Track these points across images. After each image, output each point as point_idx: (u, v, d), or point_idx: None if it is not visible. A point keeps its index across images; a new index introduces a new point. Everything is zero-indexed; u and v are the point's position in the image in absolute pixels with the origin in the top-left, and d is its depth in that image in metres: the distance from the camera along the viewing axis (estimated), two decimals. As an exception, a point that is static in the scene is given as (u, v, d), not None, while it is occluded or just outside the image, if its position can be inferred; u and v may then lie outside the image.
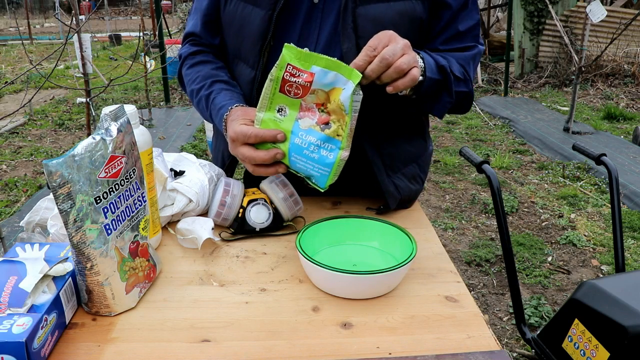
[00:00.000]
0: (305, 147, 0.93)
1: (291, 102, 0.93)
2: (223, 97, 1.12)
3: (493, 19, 10.60)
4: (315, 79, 0.89)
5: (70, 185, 0.74)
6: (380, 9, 1.04)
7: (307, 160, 0.94)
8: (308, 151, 0.93)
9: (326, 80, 0.89)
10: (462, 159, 4.62)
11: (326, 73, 0.89)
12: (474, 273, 2.93)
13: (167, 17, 9.86)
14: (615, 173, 1.72)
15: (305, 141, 0.93)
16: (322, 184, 0.95)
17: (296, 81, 0.90)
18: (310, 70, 0.89)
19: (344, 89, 0.89)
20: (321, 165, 0.93)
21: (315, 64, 0.89)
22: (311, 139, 0.93)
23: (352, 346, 0.78)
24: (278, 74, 0.91)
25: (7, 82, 5.90)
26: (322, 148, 0.93)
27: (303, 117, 0.93)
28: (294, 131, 0.94)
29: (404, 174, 1.21)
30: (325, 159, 0.93)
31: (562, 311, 1.45)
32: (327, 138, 0.92)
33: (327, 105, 0.91)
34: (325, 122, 0.92)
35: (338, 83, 0.89)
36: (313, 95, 0.91)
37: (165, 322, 0.83)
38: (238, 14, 1.12)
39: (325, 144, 0.93)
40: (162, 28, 6.30)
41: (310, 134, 0.93)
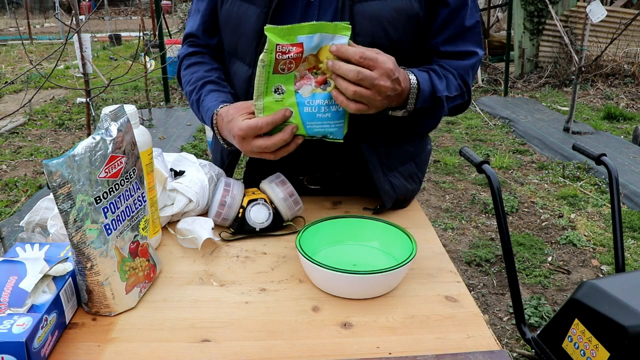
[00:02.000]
0: (316, 111, 0.98)
1: (285, 78, 0.95)
2: (210, 99, 1.13)
3: (493, 19, 10.60)
4: (305, 47, 0.92)
5: (70, 185, 0.74)
6: (378, 5, 1.04)
7: (323, 121, 0.99)
8: (320, 114, 0.98)
9: (313, 44, 0.92)
10: (462, 159, 4.62)
11: (312, 38, 0.92)
12: (474, 273, 2.93)
13: (167, 17, 9.86)
14: (615, 173, 1.72)
15: (315, 106, 0.97)
16: (340, 135, 1.01)
17: (288, 57, 0.92)
18: (297, 41, 0.92)
19: (332, 44, 0.93)
20: (336, 120, 0.99)
21: (299, 34, 0.91)
22: (319, 101, 0.97)
23: (352, 346, 0.78)
24: (270, 57, 0.92)
25: (7, 82, 5.90)
26: (332, 105, 0.98)
27: (301, 87, 0.96)
28: (299, 102, 0.97)
29: (400, 173, 1.20)
30: (337, 113, 0.98)
31: (562, 311, 1.45)
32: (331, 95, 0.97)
33: (318, 66, 0.95)
34: (323, 81, 0.96)
35: (324, 42, 0.93)
36: (305, 63, 0.94)
37: (165, 322, 0.83)
38: (234, 12, 1.13)
39: (332, 100, 0.97)
40: (162, 28, 6.30)
41: (316, 98, 0.97)
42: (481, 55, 1.16)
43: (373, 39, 1.06)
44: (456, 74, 1.13)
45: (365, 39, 1.05)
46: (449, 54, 1.13)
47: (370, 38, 1.05)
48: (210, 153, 2.56)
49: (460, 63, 1.13)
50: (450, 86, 1.11)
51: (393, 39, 1.07)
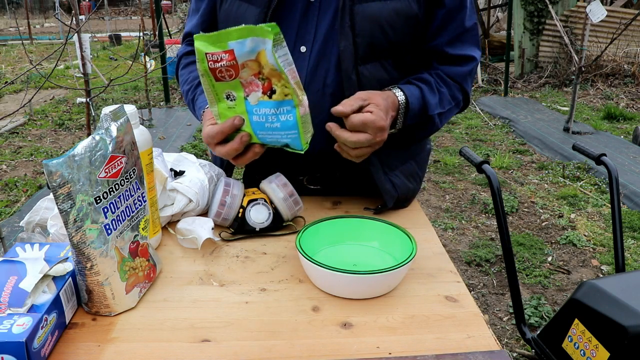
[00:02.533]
0: (264, 120, 0.92)
1: (232, 85, 0.91)
2: (202, 99, 1.15)
3: (493, 19, 10.60)
4: (237, 53, 0.86)
5: (70, 185, 0.74)
6: (377, 7, 1.04)
7: (273, 131, 0.92)
8: (269, 123, 0.92)
9: (247, 49, 0.86)
10: (462, 159, 4.62)
11: (243, 43, 0.86)
12: (474, 273, 2.93)
13: (167, 17, 9.86)
14: (615, 173, 1.72)
15: (262, 115, 0.91)
16: (298, 146, 0.94)
17: (222, 65, 0.87)
18: (228, 48, 0.86)
19: (265, 49, 0.86)
20: (287, 130, 0.92)
21: (229, 40, 0.86)
22: (265, 110, 0.91)
23: (352, 346, 0.78)
24: (204, 66, 0.89)
25: (7, 82, 5.90)
26: (280, 114, 0.91)
27: (250, 93, 0.91)
28: (249, 110, 0.92)
29: (401, 172, 1.20)
30: (287, 122, 0.91)
31: (562, 311, 1.45)
32: (278, 103, 0.90)
33: (262, 71, 0.88)
34: (269, 88, 0.89)
35: (259, 46, 0.86)
36: (246, 69, 0.88)
37: (165, 322, 0.83)
38: (233, 12, 1.13)
39: (280, 109, 0.90)
40: (162, 28, 6.30)
41: (262, 107, 0.91)
42: (479, 59, 1.18)
43: (372, 40, 1.06)
44: (453, 84, 1.15)
45: (365, 39, 1.05)
46: (449, 57, 1.14)
47: (369, 39, 1.06)
48: (210, 153, 2.56)
49: (458, 70, 1.15)
50: (443, 101, 1.13)
51: (392, 40, 1.07)
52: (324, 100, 1.11)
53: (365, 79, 1.08)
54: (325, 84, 1.10)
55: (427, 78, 1.12)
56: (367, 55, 1.07)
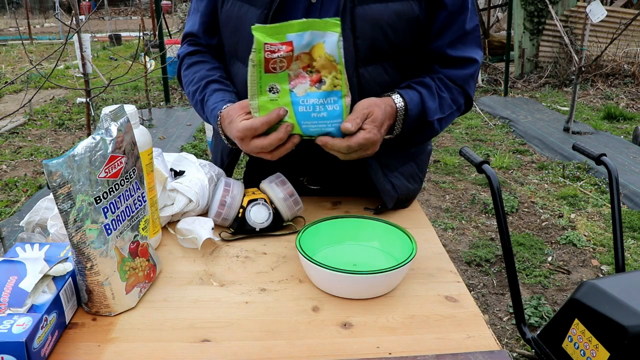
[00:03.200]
0: (311, 110, 0.95)
1: (279, 77, 0.94)
2: (215, 99, 1.13)
3: (493, 19, 10.60)
4: (295, 45, 0.91)
5: (70, 185, 0.74)
6: (378, 9, 1.04)
7: (319, 121, 0.96)
8: (315, 113, 0.96)
9: (304, 42, 0.91)
10: (462, 159, 4.62)
11: (302, 36, 0.90)
12: (474, 273, 2.93)
13: (167, 17, 9.86)
14: (615, 173, 1.72)
15: (309, 105, 0.95)
16: (339, 135, 0.98)
17: (278, 56, 0.91)
18: (286, 40, 0.91)
19: (325, 42, 0.91)
20: (333, 119, 0.96)
21: (288, 32, 0.90)
22: (313, 100, 0.95)
23: (352, 346, 0.78)
24: (259, 56, 0.92)
25: (7, 82, 5.90)
26: (327, 104, 0.95)
27: (296, 85, 0.95)
28: (294, 101, 0.95)
29: (401, 173, 1.20)
30: (333, 112, 0.96)
31: (562, 311, 1.45)
32: (326, 94, 0.94)
33: (312, 64, 0.93)
34: (318, 79, 0.94)
35: (316, 39, 0.91)
36: (298, 61, 0.93)
37: (165, 322, 0.83)
38: (234, 13, 1.12)
39: (328, 99, 0.95)
40: (162, 28, 6.30)
41: (310, 97, 0.95)
42: (481, 61, 1.18)
43: (373, 42, 1.06)
44: (455, 87, 1.14)
45: (366, 41, 1.05)
46: (451, 59, 1.13)
47: (370, 41, 1.05)
48: (210, 153, 2.56)
49: (460, 73, 1.14)
50: (443, 106, 1.13)
51: (393, 42, 1.07)
52: None
53: (366, 81, 1.08)
54: None
55: (428, 82, 1.12)
56: (368, 57, 1.07)
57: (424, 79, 1.13)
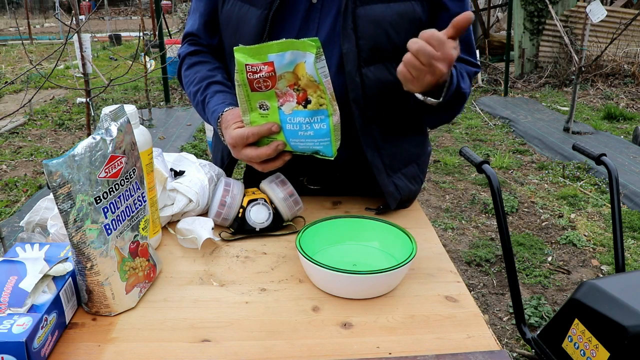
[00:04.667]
0: (298, 129, 0.96)
1: (266, 95, 0.95)
2: (216, 100, 1.13)
3: (493, 19, 10.60)
4: (276, 65, 0.91)
5: (70, 185, 0.74)
6: (380, 9, 1.04)
7: (306, 139, 0.97)
8: (302, 131, 0.96)
9: (286, 62, 0.91)
10: (462, 159, 4.62)
11: (283, 56, 0.90)
12: (474, 273, 2.93)
13: (167, 17, 9.86)
14: (615, 173, 1.72)
15: (296, 123, 0.96)
16: (329, 153, 0.99)
17: (261, 76, 0.92)
18: (267, 60, 0.91)
19: (305, 62, 0.91)
20: (320, 138, 0.97)
21: (269, 52, 0.91)
22: (299, 119, 0.95)
23: (352, 346, 0.78)
24: (242, 77, 0.93)
25: (7, 82, 5.90)
26: (314, 122, 0.96)
27: (284, 104, 0.95)
28: (282, 119, 0.97)
29: (404, 174, 1.21)
30: (320, 130, 0.96)
31: (562, 311, 1.45)
32: (312, 112, 0.95)
33: (298, 83, 0.93)
34: (304, 98, 0.94)
35: (298, 59, 0.91)
36: (283, 80, 0.93)
37: (165, 322, 0.83)
38: (235, 13, 1.12)
39: (314, 118, 0.95)
40: (162, 28, 6.30)
41: (296, 116, 0.95)
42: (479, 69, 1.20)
43: (375, 43, 1.06)
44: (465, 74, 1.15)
45: (368, 42, 1.05)
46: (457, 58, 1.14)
47: (372, 42, 1.05)
48: (210, 153, 2.56)
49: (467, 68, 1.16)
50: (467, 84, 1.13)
51: (395, 42, 1.07)
52: None
53: (369, 81, 1.08)
54: None
55: None
56: (370, 57, 1.07)
57: None
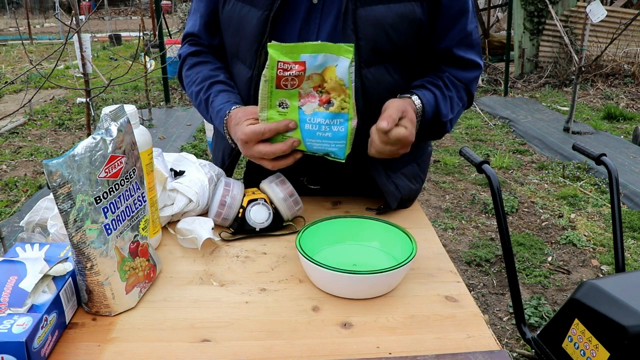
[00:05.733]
0: (316, 129, 0.98)
1: (289, 94, 0.96)
2: (221, 99, 1.13)
3: (493, 19, 10.60)
4: (307, 65, 0.93)
5: (70, 185, 0.74)
6: (381, 10, 1.04)
7: (323, 140, 0.99)
8: (320, 132, 0.98)
9: (317, 63, 0.93)
10: (462, 159, 4.62)
11: (315, 57, 0.93)
12: (474, 273, 2.93)
13: (167, 17, 9.86)
14: (615, 173, 1.72)
15: (315, 124, 0.98)
16: (341, 155, 1.01)
17: (290, 74, 0.94)
18: (300, 59, 0.93)
19: (337, 65, 0.93)
20: (337, 140, 0.99)
21: (303, 52, 0.93)
22: (319, 120, 0.97)
23: (352, 346, 0.78)
24: (271, 73, 0.94)
25: (7, 82, 5.90)
26: (333, 125, 0.98)
27: (305, 104, 0.97)
28: (301, 119, 0.98)
29: (403, 174, 1.21)
30: (338, 133, 0.98)
31: (562, 311, 1.45)
32: (333, 115, 0.97)
33: (323, 85, 0.95)
34: (327, 100, 0.96)
35: (329, 62, 0.93)
36: (309, 81, 0.95)
37: (165, 322, 0.83)
38: (236, 14, 1.12)
39: (334, 120, 0.97)
40: (162, 28, 6.30)
41: (317, 116, 0.97)
42: (482, 69, 1.21)
43: (376, 44, 1.06)
44: (461, 85, 1.17)
45: (368, 43, 1.05)
46: (457, 59, 1.14)
47: (372, 43, 1.05)
48: (210, 153, 2.55)
49: (466, 74, 1.17)
50: (453, 106, 1.15)
51: (396, 43, 1.07)
52: None
53: (369, 82, 1.08)
54: None
55: (438, 83, 1.14)
56: (370, 58, 1.07)
57: (434, 79, 1.14)
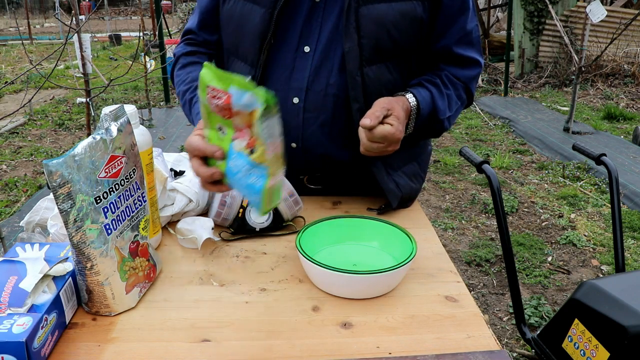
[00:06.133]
0: (237, 171, 0.87)
1: (226, 122, 0.87)
2: None
3: (493, 19, 10.60)
4: (233, 100, 0.82)
5: (70, 185, 0.74)
6: (382, 9, 1.04)
7: (240, 185, 0.87)
8: (240, 175, 0.86)
9: (243, 102, 0.81)
10: (462, 159, 4.62)
11: (242, 94, 0.82)
12: (474, 273, 2.93)
13: (167, 17, 9.86)
14: (615, 173, 1.72)
15: (237, 165, 0.87)
16: (257, 209, 0.87)
17: (218, 103, 0.84)
18: (228, 91, 0.83)
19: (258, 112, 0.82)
20: (251, 192, 0.86)
21: (232, 84, 0.83)
22: (241, 163, 0.86)
23: (352, 346, 0.78)
24: (202, 96, 0.86)
25: (7, 82, 5.90)
26: (251, 174, 0.85)
27: (237, 138, 0.87)
28: (229, 153, 0.89)
29: (404, 172, 1.21)
30: (254, 185, 0.85)
31: (562, 311, 1.45)
32: (253, 164, 0.85)
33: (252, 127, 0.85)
34: (252, 145, 0.84)
35: (254, 105, 0.81)
36: (239, 117, 0.84)
37: (165, 322, 0.83)
38: (237, 11, 1.13)
39: (253, 170, 0.85)
40: (162, 28, 6.30)
41: (240, 158, 0.86)
42: (482, 67, 1.21)
43: (377, 42, 1.06)
44: (460, 84, 1.17)
45: (370, 41, 1.05)
46: (457, 57, 1.15)
47: (374, 40, 1.06)
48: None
49: (465, 73, 1.17)
50: (451, 104, 1.15)
51: (397, 41, 1.07)
52: (326, 100, 1.12)
53: (370, 80, 1.08)
54: (328, 84, 1.11)
55: (436, 81, 1.14)
56: (372, 56, 1.07)
57: (432, 77, 1.14)
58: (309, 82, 1.11)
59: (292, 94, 1.12)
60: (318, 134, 1.15)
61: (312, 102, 1.12)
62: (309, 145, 1.16)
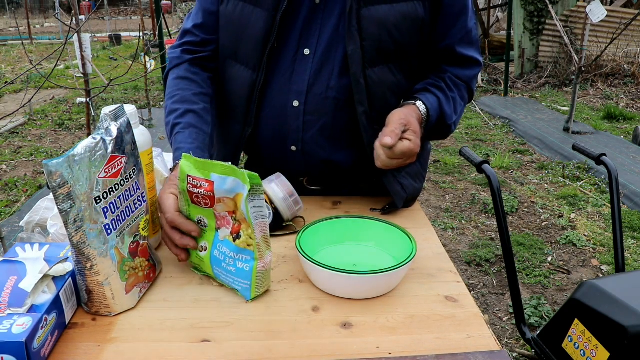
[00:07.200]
0: (222, 259, 0.88)
1: (206, 212, 0.87)
2: (183, 137, 1.07)
3: (493, 19, 10.60)
4: (216, 187, 0.83)
5: (70, 186, 0.74)
6: (384, 10, 1.04)
7: (227, 273, 0.88)
8: (225, 264, 0.87)
9: (227, 187, 0.82)
10: (462, 159, 4.62)
11: (225, 179, 0.82)
12: (474, 273, 2.93)
13: (167, 17, 9.85)
14: (615, 173, 1.72)
15: (222, 253, 0.88)
16: (247, 296, 0.87)
17: (200, 192, 0.84)
18: (210, 178, 0.83)
19: (243, 194, 0.81)
20: (240, 278, 0.87)
21: (213, 172, 0.83)
22: (226, 250, 0.87)
23: (352, 346, 0.78)
24: (182, 186, 0.86)
25: (7, 82, 5.90)
26: (237, 260, 0.86)
27: (221, 227, 0.87)
28: (214, 242, 0.88)
29: (408, 173, 1.21)
30: (242, 270, 0.86)
31: (562, 311, 1.45)
32: (239, 250, 0.85)
33: (236, 212, 0.84)
34: (237, 231, 0.85)
35: (238, 188, 0.82)
36: (222, 204, 0.84)
37: (165, 322, 0.83)
38: (237, 14, 1.11)
39: (240, 255, 0.86)
40: (162, 28, 6.30)
41: (225, 246, 0.87)
42: (482, 65, 1.22)
43: (379, 43, 1.06)
44: (462, 84, 1.18)
45: (372, 43, 1.05)
46: (458, 57, 1.15)
47: (376, 42, 1.06)
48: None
49: (467, 72, 1.18)
50: (456, 107, 1.16)
51: (399, 42, 1.07)
52: (326, 103, 1.11)
53: (374, 83, 1.08)
54: (329, 87, 1.10)
55: (441, 85, 1.14)
56: (374, 58, 1.07)
57: (437, 81, 1.15)
58: (309, 85, 1.10)
59: (292, 97, 1.12)
60: (318, 137, 1.14)
61: (312, 105, 1.12)
62: (308, 148, 1.16)
